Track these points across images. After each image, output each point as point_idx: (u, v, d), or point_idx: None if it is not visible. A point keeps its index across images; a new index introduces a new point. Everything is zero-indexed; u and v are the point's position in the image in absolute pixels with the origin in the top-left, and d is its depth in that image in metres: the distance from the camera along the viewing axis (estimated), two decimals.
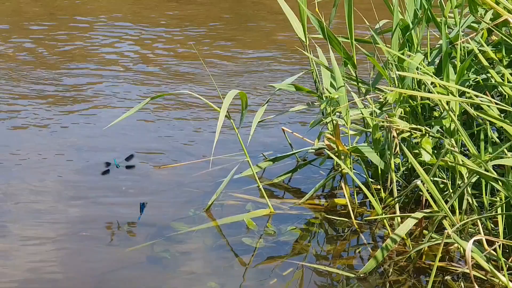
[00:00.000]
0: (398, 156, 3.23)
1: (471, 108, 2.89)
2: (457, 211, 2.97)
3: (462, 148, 3.22)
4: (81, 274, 2.94)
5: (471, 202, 2.84)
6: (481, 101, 2.83)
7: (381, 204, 3.12)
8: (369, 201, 3.23)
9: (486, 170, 2.66)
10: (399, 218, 3.05)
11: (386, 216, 3.10)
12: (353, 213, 3.27)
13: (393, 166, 3.13)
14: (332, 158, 3.32)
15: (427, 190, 2.73)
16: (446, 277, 2.81)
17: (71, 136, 4.25)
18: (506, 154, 2.72)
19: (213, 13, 6.91)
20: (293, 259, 3.02)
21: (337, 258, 3.08)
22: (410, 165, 3.28)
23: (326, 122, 3.44)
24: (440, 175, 3.06)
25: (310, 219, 3.37)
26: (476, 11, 3.20)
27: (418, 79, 3.27)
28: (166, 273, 2.95)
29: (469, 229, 2.90)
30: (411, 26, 3.37)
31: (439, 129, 3.12)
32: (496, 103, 2.82)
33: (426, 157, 2.97)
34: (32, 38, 6.10)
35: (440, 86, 2.96)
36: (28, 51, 5.81)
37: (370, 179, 3.34)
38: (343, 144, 3.28)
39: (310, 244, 3.19)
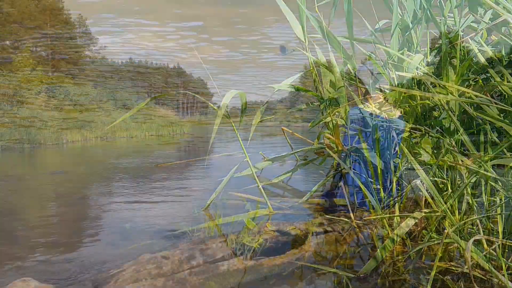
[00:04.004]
0: (398, 156, 3.23)
1: (471, 108, 2.89)
2: (457, 211, 2.97)
3: (462, 148, 3.22)
4: (80, 272, 2.93)
5: (470, 202, 2.84)
6: (481, 101, 2.83)
7: (380, 204, 3.12)
8: (369, 201, 3.23)
9: (485, 170, 2.66)
10: (398, 218, 3.05)
11: (385, 216, 3.10)
12: (353, 213, 3.27)
13: (392, 166, 3.13)
14: (331, 158, 3.31)
15: (427, 190, 2.73)
16: (445, 277, 2.80)
17: (74, 137, 4.26)
18: (505, 154, 2.72)
19: (213, 13, 6.91)
20: (292, 259, 3.02)
21: (337, 258, 3.08)
22: (409, 165, 3.28)
23: (326, 122, 3.44)
24: (439, 175, 3.06)
25: (310, 219, 3.37)
26: (475, 11, 3.20)
27: (417, 79, 3.27)
28: None
29: (469, 229, 2.90)
30: (410, 26, 3.38)
31: (439, 129, 3.12)
32: (496, 103, 2.82)
33: (426, 157, 2.97)
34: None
35: (439, 86, 2.96)
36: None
37: (369, 179, 3.34)
38: (342, 144, 3.28)
39: (309, 244, 3.18)
